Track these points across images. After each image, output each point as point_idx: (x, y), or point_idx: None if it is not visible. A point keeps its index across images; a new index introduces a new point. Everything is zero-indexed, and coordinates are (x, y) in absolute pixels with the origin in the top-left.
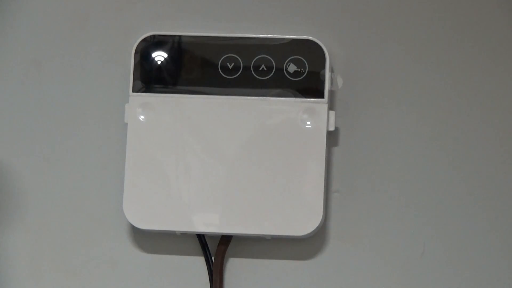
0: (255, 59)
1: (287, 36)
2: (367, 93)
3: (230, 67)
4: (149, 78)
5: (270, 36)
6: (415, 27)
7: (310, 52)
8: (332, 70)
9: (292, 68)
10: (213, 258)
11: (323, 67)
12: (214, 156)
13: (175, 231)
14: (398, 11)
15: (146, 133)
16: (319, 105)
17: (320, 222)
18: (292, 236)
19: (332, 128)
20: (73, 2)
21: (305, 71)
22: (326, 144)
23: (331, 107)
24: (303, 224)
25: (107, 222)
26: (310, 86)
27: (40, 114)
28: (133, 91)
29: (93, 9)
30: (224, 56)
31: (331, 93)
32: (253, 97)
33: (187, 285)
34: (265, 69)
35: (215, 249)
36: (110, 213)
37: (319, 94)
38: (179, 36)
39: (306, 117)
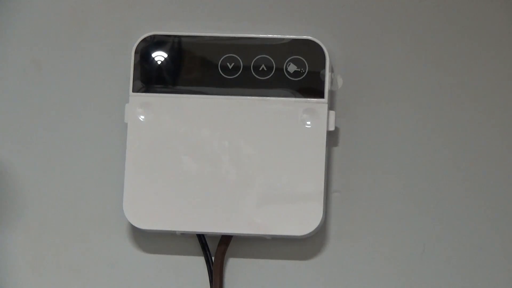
0: (255, 59)
1: (287, 36)
2: (367, 93)
3: (230, 67)
4: (149, 78)
5: (270, 36)
6: (415, 27)
7: (310, 52)
8: (332, 70)
9: (292, 68)
10: (213, 258)
11: (323, 67)
12: (214, 156)
13: (175, 231)
14: (398, 11)
15: (146, 133)
16: (319, 105)
17: (320, 222)
18: (292, 236)
19: (332, 128)
20: (73, 2)
21: (305, 71)
22: (326, 144)
23: (331, 107)
24: (303, 224)
25: (107, 222)
26: (310, 86)
27: (40, 114)
28: (133, 91)
29: (93, 9)
30: (224, 56)
31: (331, 93)
32: (253, 97)
33: (187, 285)
34: (265, 69)
35: (215, 249)
36: (110, 213)
37: (319, 94)
38: (179, 36)
39: (306, 117)
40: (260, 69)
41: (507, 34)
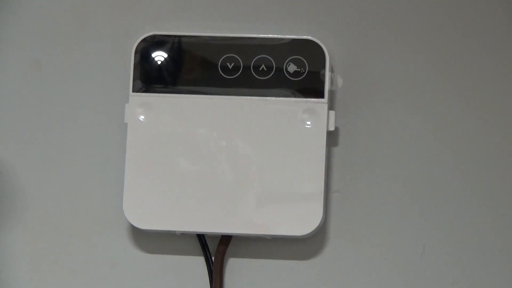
0: (255, 59)
1: (287, 36)
2: (367, 93)
3: (230, 67)
4: (149, 78)
5: (270, 36)
6: (415, 27)
7: (310, 52)
8: (332, 70)
9: (292, 68)
10: (213, 258)
11: (323, 67)
12: (214, 156)
13: (175, 231)
14: (398, 11)
15: (146, 133)
16: (319, 105)
17: (320, 222)
18: (292, 236)
19: (332, 128)
20: (73, 2)
21: (305, 71)
22: (326, 144)
23: (331, 107)
24: (303, 224)
25: (107, 222)
26: (310, 86)
27: (40, 114)
28: (133, 91)
29: (93, 9)
30: (224, 56)
31: (331, 93)
32: (253, 97)
33: (187, 285)
34: (265, 69)
35: (215, 249)
36: (110, 213)
37: (319, 94)
38: (179, 36)
39: (306, 117)
40: (260, 69)
41: (507, 34)
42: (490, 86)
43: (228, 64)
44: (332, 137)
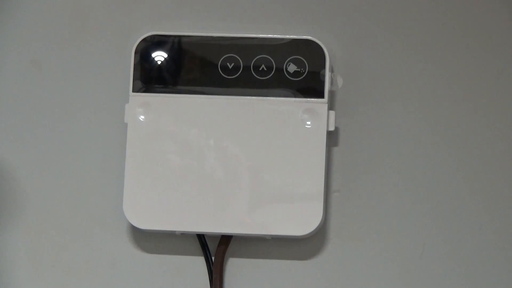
0: (255, 59)
1: (287, 36)
2: (367, 93)
3: (230, 67)
4: (149, 78)
5: (270, 36)
6: (415, 27)
7: (310, 52)
8: (332, 70)
9: (292, 68)
10: (213, 258)
11: (323, 67)
12: (214, 156)
13: (175, 231)
14: (398, 11)
15: (146, 133)
16: (319, 105)
17: (320, 222)
18: (292, 236)
19: (332, 128)
20: (73, 2)
21: (305, 71)
22: (326, 144)
23: (331, 107)
24: (303, 224)
25: (107, 222)
26: (310, 86)
27: (40, 114)
28: (133, 91)
29: (93, 9)
30: (224, 56)
31: (331, 93)
32: (253, 97)
33: (187, 285)
34: (265, 69)
35: (215, 249)
36: (110, 213)
37: (319, 94)
38: (179, 36)
39: (306, 117)
40: (260, 69)
41: (507, 34)
42: (490, 86)
43: (228, 64)
44: (332, 137)
